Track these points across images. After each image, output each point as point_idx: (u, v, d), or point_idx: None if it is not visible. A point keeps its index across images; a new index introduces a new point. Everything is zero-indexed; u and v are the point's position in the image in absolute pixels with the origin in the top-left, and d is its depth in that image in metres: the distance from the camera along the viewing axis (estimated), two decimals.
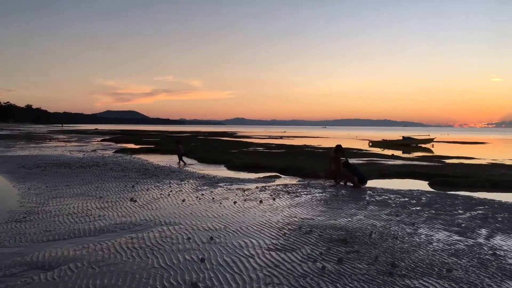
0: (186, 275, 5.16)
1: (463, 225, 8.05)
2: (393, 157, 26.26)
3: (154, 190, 11.79)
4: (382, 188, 12.86)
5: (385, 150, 37.05)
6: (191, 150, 26.99)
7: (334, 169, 13.81)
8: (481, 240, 6.95)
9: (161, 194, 11.13)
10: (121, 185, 12.74)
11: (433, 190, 12.93)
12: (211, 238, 6.79)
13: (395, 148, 41.49)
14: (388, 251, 6.18)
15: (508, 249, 6.44)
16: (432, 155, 30.82)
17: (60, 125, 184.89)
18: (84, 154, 24.93)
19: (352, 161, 21.88)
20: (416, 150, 37.69)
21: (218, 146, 35.09)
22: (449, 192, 12.45)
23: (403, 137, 51.00)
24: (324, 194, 11.51)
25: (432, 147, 44.42)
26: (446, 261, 5.81)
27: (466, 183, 14.08)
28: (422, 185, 14.27)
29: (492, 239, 7.03)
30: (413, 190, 12.56)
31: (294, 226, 7.65)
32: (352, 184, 13.15)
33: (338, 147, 14.10)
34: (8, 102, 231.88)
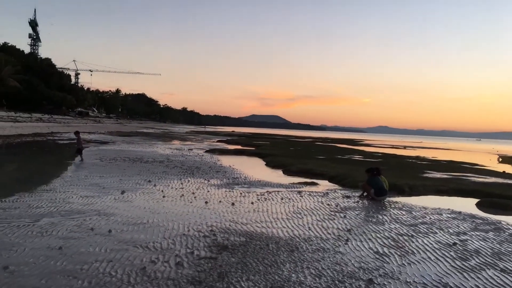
0: (18, 259, 5.46)
1: (406, 248, 6.91)
2: (498, 174, 22.80)
3: (159, 185, 12.33)
4: (406, 204, 11.57)
5: None
6: (273, 154, 27.25)
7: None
8: (389, 267, 5.92)
9: (157, 189, 11.62)
10: (143, 178, 13.61)
11: (463, 211, 11.04)
12: (110, 231, 7.00)
13: None
14: (244, 263, 5.69)
15: (397, 279, 5.39)
16: None
17: (203, 126, 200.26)
18: (171, 151, 26.93)
19: (437, 175, 19.86)
20: None
21: (314, 152, 34.64)
22: (478, 214, 10.64)
23: None
24: (319, 202, 10.80)
25: None
26: (278, 279, 5.15)
27: None
28: (466, 205, 12.32)
29: (409, 266, 5.93)
30: (439, 208, 11.04)
31: (208, 229, 7.44)
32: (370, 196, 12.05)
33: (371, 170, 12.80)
34: (166, 104, 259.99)
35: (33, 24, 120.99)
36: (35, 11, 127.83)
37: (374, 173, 12.50)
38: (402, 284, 5.25)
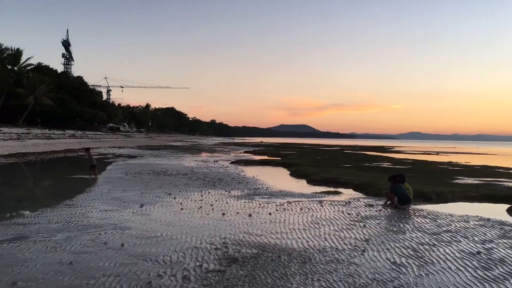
0: (28, 275, 5.50)
1: (425, 258, 6.61)
2: None
3: (179, 198, 12.34)
4: (431, 211, 11.19)
5: None
6: (298, 163, 27.01)
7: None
8: (405, 278, 5.66)
9: (176, 202, 11.63)
10: (164, 191, 13.66)
11: (492, 217, 10.54)
12: (122, 245, 7.00)
13: None
14: (253, 276, 5.55)
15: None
16: None
17: (232, 138, 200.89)
18: (196, 164, 27.08)
19: (468, 181, 19.19)
20: None
21: (341, 160, 34.21)
22: (508, 221, 10.17)
23: None
24: (339, 212, 10.56)
25: None
26: None
27: None
28: (497, 211, 11.81)
29: (427, 277, 5.67)
30: (467, 215, 10.61)
31: (221, 241, 7.34)
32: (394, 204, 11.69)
33: (394, 178, 12.42)
34: (195, 117, 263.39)
35: (66, 44, 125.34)
36: (67, 32, 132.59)
37: (397, 180, 12.13)
38: None
